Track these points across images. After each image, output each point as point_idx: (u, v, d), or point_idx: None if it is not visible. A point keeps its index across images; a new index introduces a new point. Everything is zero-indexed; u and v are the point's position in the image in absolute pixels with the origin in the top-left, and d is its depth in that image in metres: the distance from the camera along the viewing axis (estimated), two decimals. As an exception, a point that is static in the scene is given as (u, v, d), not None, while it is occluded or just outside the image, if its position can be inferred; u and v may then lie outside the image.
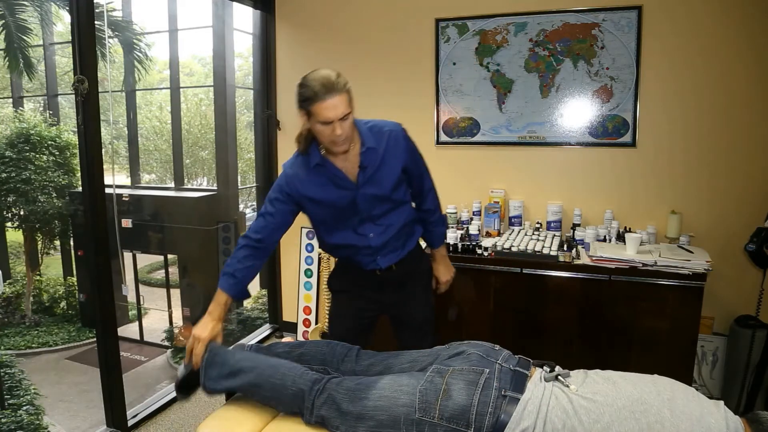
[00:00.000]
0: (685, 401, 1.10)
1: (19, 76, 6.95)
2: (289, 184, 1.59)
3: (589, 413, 1.10)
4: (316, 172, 1.58)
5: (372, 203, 1.60)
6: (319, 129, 1.46)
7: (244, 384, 1.41)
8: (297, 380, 1.35)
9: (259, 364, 1.42)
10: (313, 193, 1.58)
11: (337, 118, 1.42)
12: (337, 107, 1.41)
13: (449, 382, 1.23)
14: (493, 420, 1.15)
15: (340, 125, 1.43)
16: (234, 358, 1.45)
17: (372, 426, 1.23)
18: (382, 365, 1.44)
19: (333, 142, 1.48)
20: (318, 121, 1.44)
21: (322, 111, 1.41)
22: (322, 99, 1.40)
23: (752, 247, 2.20)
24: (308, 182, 1.58)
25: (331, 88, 1.41)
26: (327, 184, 1.58)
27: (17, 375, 4.97)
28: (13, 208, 6.39)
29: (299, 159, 1.60)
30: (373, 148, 1.57)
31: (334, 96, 1.41)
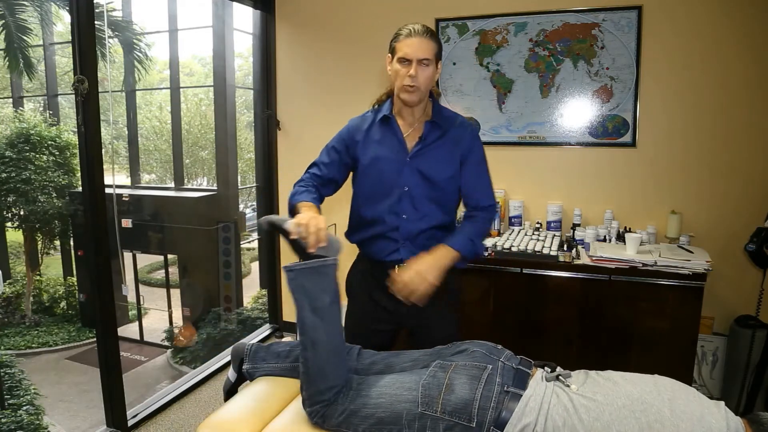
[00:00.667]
0: (686, 401, 1.10)
1: (19, 76, 6.95)
2: (349, 132, 1.59)
3: (590, 412, 1.10)
4: (379, 128, 1.56)
5: (418, 181, 1.53)
6: (397, 68, 1.47)
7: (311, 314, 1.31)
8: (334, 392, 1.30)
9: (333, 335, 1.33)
10: (368, 148, 1.55)
11: (416, 58, 1.43)
12: (420, 47, 1.43)
13: (452, 376, 1.23)
14: (495, 415, 1.16)
15: (417, 68, 1.43)
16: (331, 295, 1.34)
17: (373, 423, 1.24)
18: (383, 364, 1.44)
19: (405, 87, 1.46)
20: (398, 57, 1.46)
21: (403, 46, 1.44)
22: (407, 36, 1.45)
23: (752, 247, 2.20)
24: (367, 136, 1.57)
25: (421, 32, 1.45)
26: (383, 144, 1.55)
27: (17, 375, 4.97)
28: (13, 208, 6.39)
29: (368, 113, 1.62)
30: (438, 125, 1.54)
31: (420, 37, 1.44)
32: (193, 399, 2.60)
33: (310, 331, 1.32)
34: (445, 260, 1.46)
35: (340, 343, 1.36)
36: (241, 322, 5.88)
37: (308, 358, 1.32)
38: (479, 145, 1.61)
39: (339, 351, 1.35)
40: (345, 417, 1.27)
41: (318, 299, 1.32)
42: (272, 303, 3.47)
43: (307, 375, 1.32)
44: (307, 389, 1.32)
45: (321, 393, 1.29)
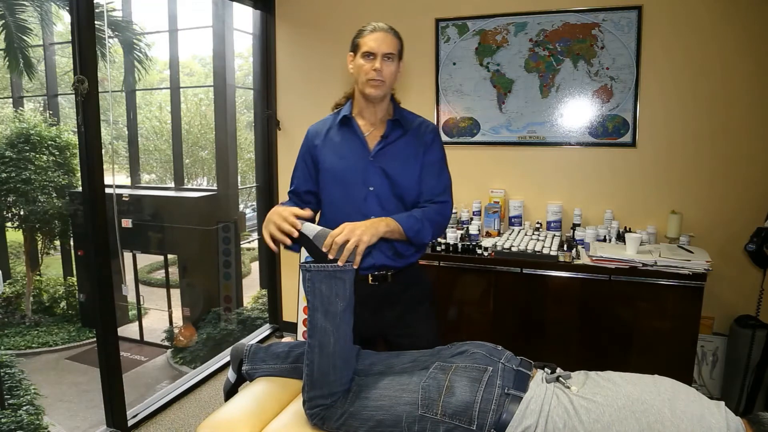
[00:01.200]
0: (686, 401, 1.10)
1: (19, 76, 6.95)
2: (309, 138, 1.59)
3: (590, 413, 1.10)
4: (339, 130, 1.55)
5: (382, 181, 1.50)
6: (360, 64, 1.47)
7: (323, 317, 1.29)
8: (334, 396, 1.29)
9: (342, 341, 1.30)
10: (329, 151, 1.53)
11: (380, 52, 1.44)
12: (384, 41, 1.45)
13: (452, 378, 1.23)
14: (495, 417, 1.16)
15: (381, 61, 1.44)
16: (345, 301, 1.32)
17: (373, 426, 1.23)
18: (383, 365, 1.44)
19: (368, 82, 1.46)
20: (362, 52, 1.46)
21: (368, 41, 1.46)
22: (371, 31, 1.47)
23: (752, 247, 2.20)
24: (327, 139, 1.55)
25: (384, 28, 1.48)
26: (344, 145, 1.53)
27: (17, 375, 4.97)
28: (13, 208, 6.39)
29: (329, 116, 1.60)
30: (400, 124, 1.54)
31: (384, 32, 1.47)
32: (193, 399, 2.60)
33: (320, 334, 1.30)
34: (382, 225, 1.37)
35: (348, 350, 1.33)
36: (241, 322, 5.88)
37: (313, 361, 1.30)
38: (439, 145, 1.58)
39: (345, 358, 1.32)
40: (345, 419, 1.26)
41: (332, 304, 1.30)
42: (272, 303, 3.47)
43: (310, 378, 1.30)
44: (308, 392, 1.31)
45: (323, 397, 1.28)
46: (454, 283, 2.45)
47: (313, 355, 1.30)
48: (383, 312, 1.57)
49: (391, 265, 1.54)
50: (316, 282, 1.30)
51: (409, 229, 1.43)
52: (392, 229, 1.40)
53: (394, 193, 1.51)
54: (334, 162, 1.52)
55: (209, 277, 6.21)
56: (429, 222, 1.47)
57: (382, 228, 1.37)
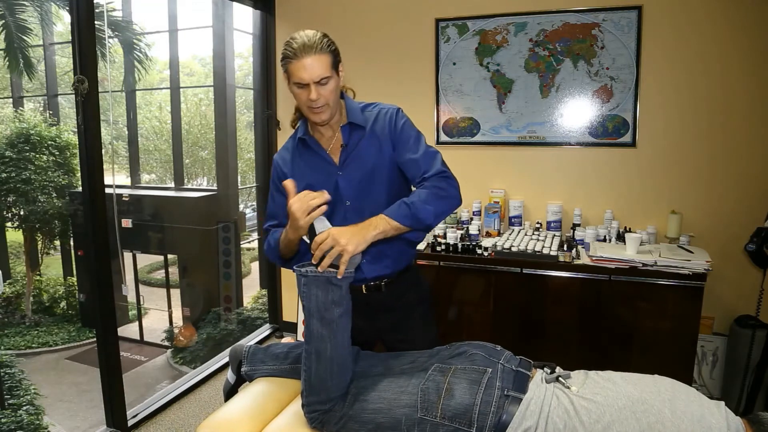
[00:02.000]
0: (686, 401, 1.09)
1: (19, 76, 6.95)
2: (277, 169, 1.49)
3: (590, 413, 1.10)
4: (300, 152, 1.46)
5: (356, 192, 1.42)
6: (296, 92, 1.35)
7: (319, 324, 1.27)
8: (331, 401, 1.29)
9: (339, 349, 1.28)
10: (298, 179, 1.39)
11: (312, 81, 1.30)
12: (313, 68, 1.29)
13: (451, 381, 1.22)
14: (495, 419, 1.15)
15: (316, 89, 1.31)
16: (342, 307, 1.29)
17: (372, 429, 1.23)
18: (383, 366, 1.44)
19: (310, 109, 1.35)
20: (293, 82, 1.34)
21: (296, 71, 1.30)
22: (297, 58, 1.29)
23: (752, 247, 2.20)
24: (293, 165, 1.46)
25: (309, 47, 1.29)
26: (309, 167, 1.44)
27: (17, 375, 4.97)
28: (13, 208, 6.39)
29: (289, 141, 1.51)
30: (356, 125, 1.42)
31: (310, 56, 1.29)
32: (193, 399, 2.60)
33: (316, 341, 1.28)
34: (371, 231, 1.27)
35: (345, 356, 1.31)
36: (241, 322, 5.88)
37: (311, 367, 1.29)
38: (404, 123, 1.45)
39: (343, 364, 1.30)
40: (344, 422, 1.26)
41: (328, 310, 1.27)
42: (272, 303, 3.47)
43: (308, 383, 1.30)
44: (307, 397, 1.31)
45: (320, 403, 1.28)
46: (454, 283, 2.45)
47: (310, 362, 1.29)
48: (378, 319, 1.53)
49: (385, 274, 1.48)
50: (312, 288, 1.27)
51: (404, 218, 1.31)
52: (384, 230, 1.29)
53: (373, 199, 1.43)
54: (305, 188, 1.37)
55: (209, 277, 6.22)
56: (423, 202, 1.33)
57: (371, 234, 1.27)
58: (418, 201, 1.33)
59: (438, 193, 1.35)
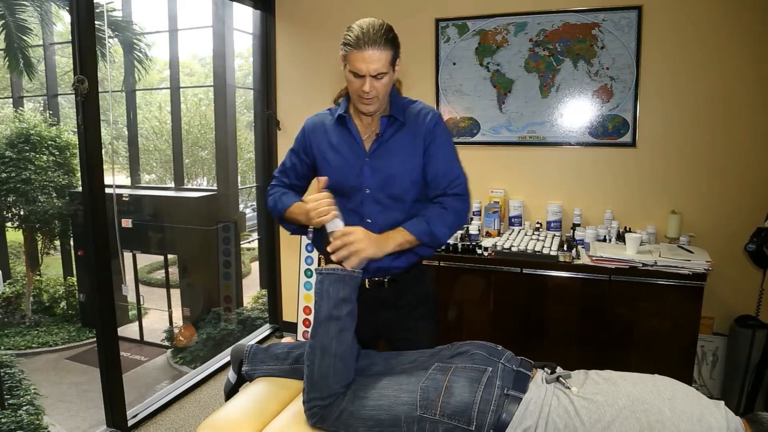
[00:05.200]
0: (686, 401, 1.10)
1: (19, 76, 6.94)
2: (306, 134, 1.53)
3: (591, 413, 1.10)
4: (335, 127, 1.48)
5: (379, 182, 1.43)
6: (350, 79, 1.37)
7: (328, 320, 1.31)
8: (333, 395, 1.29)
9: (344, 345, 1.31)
10: (325, 151, 1.47)
11: (369, 74, 1.32)
12: (372, 62, 1.31)
13: (451, 379, 1.22)
14: (494, 418, 1.15)
15: (371, 82, 1.33)
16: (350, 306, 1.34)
17: (372, 425, 1.23)
18: (383, 365, 1.44)
19: (359, 98, 1.37)
20: (350, 70, 1.35)
21: (355, 61, 1.32)
22: (359, 48, 1.31)
23: (752, 247, 2.20)
24: (324, 136, 1.48)
25: (372, 39, 1.31)
26: (340, 145, 1.46)
27: (17, 375, 4.97)
28: (13, 208, 6.39)
29: (325, 111, 1.55)
30: (395, 119, 1.44)
31: (373, 49, 1.30)
32: (193, 399, 2.60)
33: (322, 336, 1.31)
34: (390, 244, 1.35)
35: (349, 354, 1.33)
36: (241, 322, 5.87)
37: (314, 362, 1.30)
38: (442, 129, 1.48)
39: (346, 361, 1.32)
40: (344, 419, 1.26)
41: (336, 307, 1.32)
42: (272, 303, 3.47)
43: (310, 379, 1.31)
44: (308, 392, 1.31)
45: (321, 399, 1.29)
46: (454, 283, 2.45)
47: (314, 357, 1.31)
48: (379, 314, 1.54)
49: (388, 267, 1.48)
50: (325, 284, 1.33)
51: (422, 234, 1.39)
52: (400, 244, 1.37)
53: (394, 194, 1.45)
54: (330, 162, 1.47)
55: (209, 277, 6.21)
56: (442, 221, 1.40)
57: (389, 247, 1.36)
58: (437, 219, 1.40)
59: (456, 215, 1.44)
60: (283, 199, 1.53)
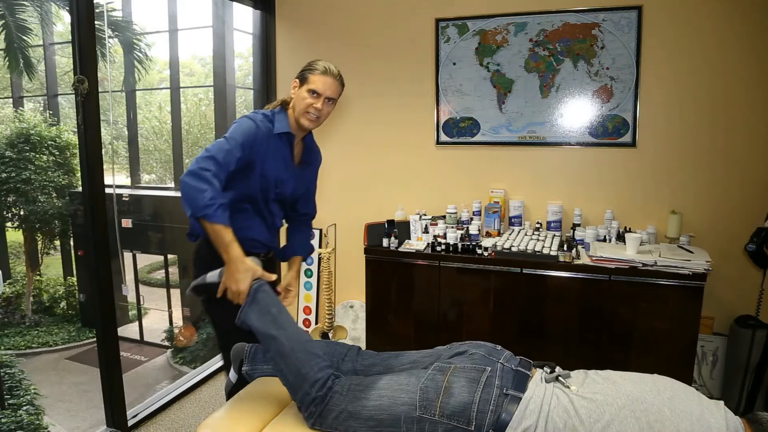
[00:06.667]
0: (686, 400, 1.10)
1: (19, 76, 6.93)
2: (249, 139, 1.58)
3: (590, 413, 1.10)
4: (277, 141, 1.67)
5: (291, 193, 1.78)
6: (303, 96, 1.62)
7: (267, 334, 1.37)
8: (319, 386, 1.31)
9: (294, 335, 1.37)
10: (266, 159, 1.64)
11: (325, 95, 1.62)
12: (331, 86, 1.63)
13: (451, 379, 1.23)
14: (494, 418, 1.16)
15: (322, 101, 1.62)
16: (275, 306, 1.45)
17: (372, 425, 1.23)
18: (383, 365, 1.44)
19: (307, 114, 1.63)
20: (308, 88, 1.62)
21: (317, 81, 1.61)
22: (324, 74, 1.62)
23: (752, 247, 2.20)
24: (266, 146, 1.63)
25: (335, 74, 1.65)
26: (279, 159, 1.68)
27: (17, 375, 4.96)
28: (13, 208, 6.38)
29: (262, 119, 1.65)
30: (311, 151, 1.84)
31: (333, 79, 1.64)
32: (193, 399, 2.60)
33: (273, 345, 1.36)
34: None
35: (303, 342, 1.38)
36: (242, 322, 5.87)
37: (281, 368, 1.35)
38: (320, 162, 1.93)
39: (305, 350, 1.36)
40: (344, 419, 1.26)
41: (267, 314, 1.40)
42: (272, 303, 3.46)
43: (289, 385, 1.35)
44: (295, 396, 1.34)
45: (308, 393, 1.30)
46: (454, 283, 2.45)
47: (279, 365, 1.36)
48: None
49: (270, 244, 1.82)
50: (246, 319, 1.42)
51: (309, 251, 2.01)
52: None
53: (288, 203, 1.83)
54: (269, 169, 1.66)
55: (209, 277, 6.20)
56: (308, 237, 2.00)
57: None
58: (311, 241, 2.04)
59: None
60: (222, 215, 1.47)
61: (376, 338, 2.66)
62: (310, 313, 3.23)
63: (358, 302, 3.12)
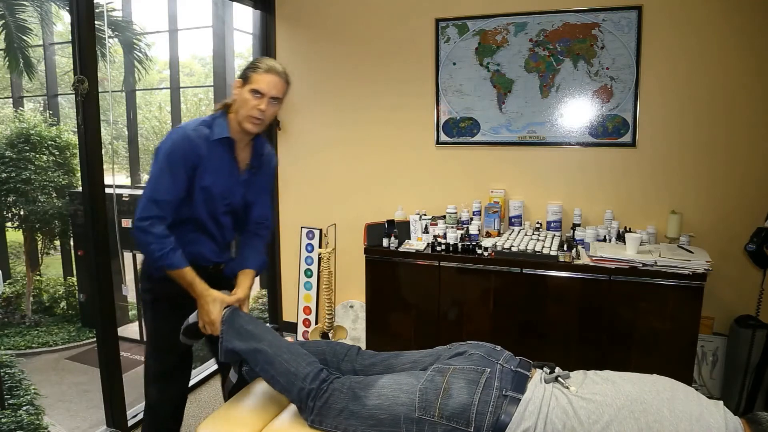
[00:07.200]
0: (685, 401, 1.10)
1: (19, 76, 6.94)
2: (189, 146, 1.49)
3: (589, 413, 1.10)
4: (216, 149, 1.54)
5: (239, 204, 1.67)
6: (247, 97, 1.50)
7: (251, 349, 1.43)
8: (311, 379, 1.34)
9: (275, 341, 1.44)
10: (207, 171, 1.53)
11: (269, 95, 1.51)
12: (276, 86, 1.51)
13: (450, 381, 1.23)
14: (493, 419, 1.16)
15: (267, 102, 1.51)
16: (250, 323, 1.52)
17: (372, 425, 1.24)
18: (383, 365, 1.44)
19: (251, 118, 1.51)
20: (252, 88, 1.50)
21: (261, 80, 1.50)
22: (266, 72, 1.50)
23: (752, 247, 2.20)
24: (206, 157, 1.53)
25: (278, 72, 1.53)
26: (221, 168, 1.57)
27: (17, 375, 4.96)
28: (13, 208, 6.38)
29: (200, 126, 1.53)
30: (260, 153, 1.69)
31: (278, 78, 1.52)
32: (193, 399, 2.60)
33: (259, 357, 1.41)
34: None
35: (285, 346, 1.43)
36: (242, 322, 5.87)
37: (273, 374, 1.39)
38: (276, 167, 1.86)
39: (290, 349, 1.42)
40: (344, 417, 1.26)
41: (245, 331, 1.47)
42: (272, 303, 3.47)
43: (282, 386, 1.38)
44: (291, 396, 1.36)
45: (302, 388, 1.32)
46: (454, 283, 2.45)
47: (268, 373, 1.40)
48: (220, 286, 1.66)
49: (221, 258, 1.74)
50: (230, 345, 1.47)
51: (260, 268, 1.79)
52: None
53: (243, 211, 1.71)
54: (211, 181, 1.55)
55: (209, 277, 6.20)
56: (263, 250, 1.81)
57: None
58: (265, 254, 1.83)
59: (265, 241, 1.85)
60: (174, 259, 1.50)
61: (376, 338, 2.66)
62: (310, 313, 3.23)
63: (358, 302, 3.12)
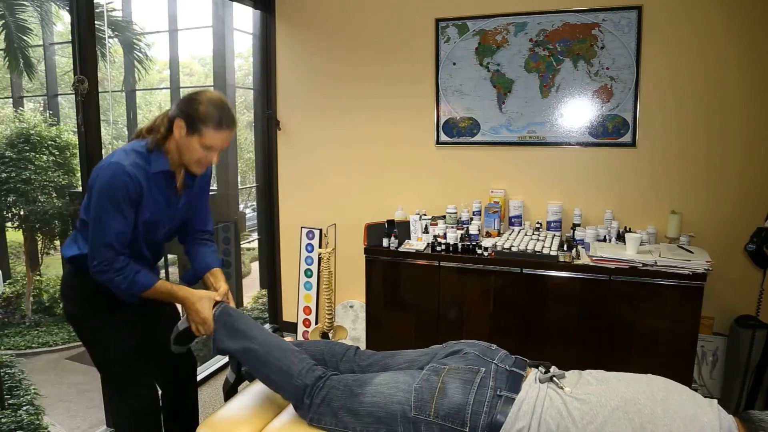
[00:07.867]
0: (679, 401, 1.10)
1: (19, 76, 6.94)
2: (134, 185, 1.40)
3: (583, 414, 1.10)
4: (156, 181, 1.48)
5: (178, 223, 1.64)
6: (195, 148, 1.44)
7: (243, 349, 1.44)
8: (304, 375, 1.36)
9: (266, 339, 1.45)
10: (149, 204, 1.46)
11: (221, 148, 1.49)
12: (227, 140, 1.47)
13: (445, 380, 1.23)
14: (488, 419, 1.16)
15: (216, 154, 1.49)
16: (241, 321, 1.52)
17: (369, 422, 1.24)
18: (381, 364, 1.45)
19: (198, 164, 1.48)
20: (202, 143, 1.43)
21: (214, 138, 1.43)
22: (219, 127, 1.43)
23: (752, 247, 2.19)
24: (147, 190, 1.45)
25: (230, 121, 1.46)
26: (160, 199, 1.50)
27: (17, 375, 4.97)
28: (13, 208, 6.39)
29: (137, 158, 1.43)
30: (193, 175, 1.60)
31: (230, 129, 1.47)
32: (193, 399, 2.59)
33: (251, 356, 1.42)
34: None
35: (276, 343, 1.44)
36: (241, 322, 5.87)
37: (266, 373, 1.40)
38: (208, 184, 1.75)
39: (281, 346, 1.43)
40: (342, 416, 1.27)
41: (237, 331, 1.47)
42: (272, 303, 3.47)
43: (276, 385, 1.39)
44: (287, 394, 1.37)
45: (297, 385, 1.33)
46: (454, 283, 2.45)
47: (262, 371, 1.41)
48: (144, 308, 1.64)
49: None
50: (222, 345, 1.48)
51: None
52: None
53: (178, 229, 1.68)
54: (153, 214, 1.49)
55: (209, 276, 6.20)
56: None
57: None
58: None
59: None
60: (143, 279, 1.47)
61: (376, 338, 2.66)
62: (310, 313, 3.23)
63: (358, 302, 3.12)
